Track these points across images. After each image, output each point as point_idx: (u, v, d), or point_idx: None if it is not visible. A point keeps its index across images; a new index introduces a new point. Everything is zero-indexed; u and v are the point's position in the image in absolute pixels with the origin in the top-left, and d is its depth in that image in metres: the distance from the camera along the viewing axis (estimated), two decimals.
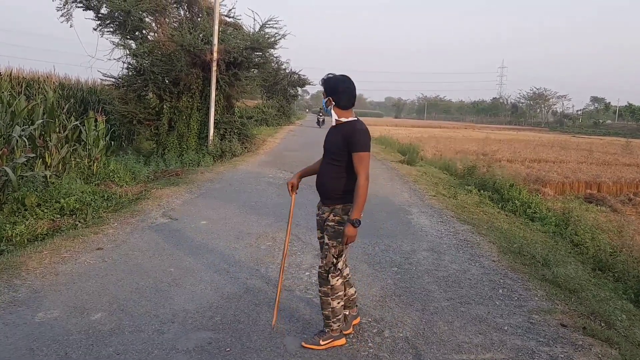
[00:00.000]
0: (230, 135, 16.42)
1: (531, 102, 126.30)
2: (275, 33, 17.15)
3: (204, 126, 15.91)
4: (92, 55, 16.16)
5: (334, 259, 3.42)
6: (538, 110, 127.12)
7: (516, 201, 10.65)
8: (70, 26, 15.90)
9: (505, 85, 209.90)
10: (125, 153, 12.94)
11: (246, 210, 7.67)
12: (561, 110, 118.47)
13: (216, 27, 15.51)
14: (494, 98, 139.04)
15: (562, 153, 24.96)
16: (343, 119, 3.40)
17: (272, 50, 17.38)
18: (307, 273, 4.96)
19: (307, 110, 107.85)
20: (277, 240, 6.09)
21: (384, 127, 52.74)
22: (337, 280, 3.44)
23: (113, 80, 15.72)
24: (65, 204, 7.38)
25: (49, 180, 8.66)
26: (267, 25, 17.14)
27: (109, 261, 4.98)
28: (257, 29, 16.92)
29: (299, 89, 48.32)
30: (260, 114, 37.77)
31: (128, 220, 6.79)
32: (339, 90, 3.37)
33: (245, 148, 16.75)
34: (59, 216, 7.21)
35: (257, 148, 17.85)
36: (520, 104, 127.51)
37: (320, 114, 43.36)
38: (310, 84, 47.33)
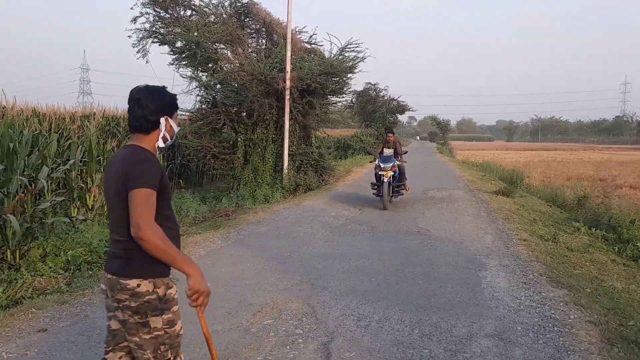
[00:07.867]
0: (305, 167, 15.29)
1: None
2: (355, 56, 15.98)
3: (279, 158, 14.99)
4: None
5: None
6: None
7: (638, 243, 8.24)
8: (147, 62, 15.89)
9: (629, 102, 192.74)
10: (183, 190, 12.14)
11: (271, 265, 6.19)
12: None
13: (288, 53, 14.58)
14: (616, 116, 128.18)
15: None
16: None
17: (351, 74, 16.06)
18: None
19: (418, 138, 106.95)
20: (283, 314, 4.54)
21: (493, 151, 49.46)
22: None
23: (188, 114, 15.33)
24: (70, 257, 6.45)
25: (81, 225, 7.95)
26: (347, 49, 16.02)
27: (29, 355, 3.72)
28: (335, 53, 15.85)
29: (399, 115, 46.76)
30: (359, 143, 36.94)
31: None
32: None
33: (322, 180, 15.49)
34: (62, 272, 6.28)
35: (336, 180, 16.48)
36: None
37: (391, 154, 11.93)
38: (410, 110, 45.77)
